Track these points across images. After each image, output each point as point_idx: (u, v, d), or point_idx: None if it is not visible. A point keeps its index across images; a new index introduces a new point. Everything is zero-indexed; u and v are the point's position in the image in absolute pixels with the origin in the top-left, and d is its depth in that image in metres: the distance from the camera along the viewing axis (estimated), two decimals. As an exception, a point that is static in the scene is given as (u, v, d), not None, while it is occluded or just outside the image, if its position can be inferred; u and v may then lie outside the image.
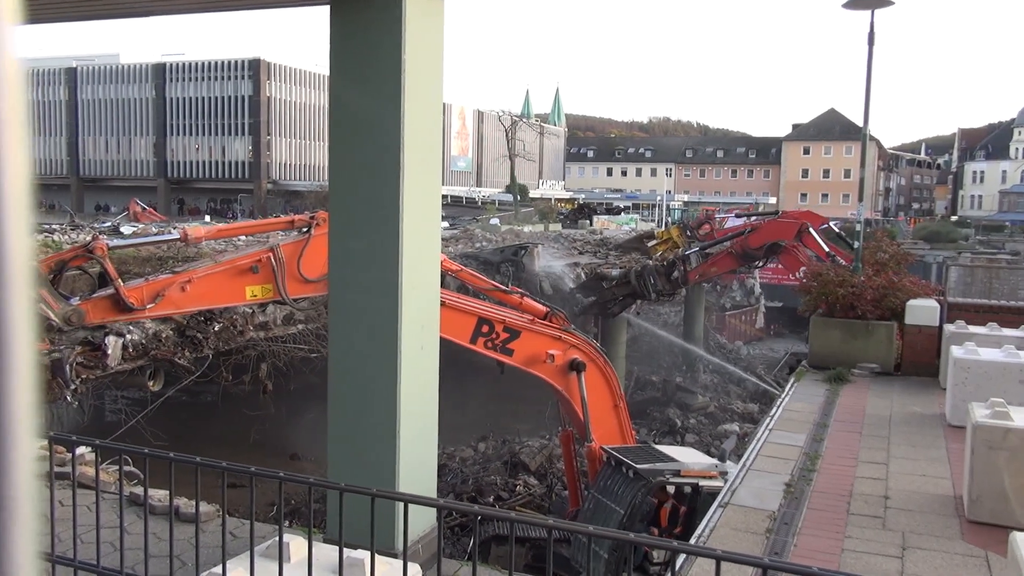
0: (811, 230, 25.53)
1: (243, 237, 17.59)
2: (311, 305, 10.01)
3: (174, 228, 38.47)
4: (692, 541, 6.98)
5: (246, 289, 9.41)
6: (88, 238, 28.06)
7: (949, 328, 12.65)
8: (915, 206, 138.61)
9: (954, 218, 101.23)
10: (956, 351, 10.73)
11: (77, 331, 13.39)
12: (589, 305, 29.22)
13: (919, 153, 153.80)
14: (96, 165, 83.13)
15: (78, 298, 8.96)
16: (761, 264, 30.49)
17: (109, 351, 12.56)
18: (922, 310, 13.72)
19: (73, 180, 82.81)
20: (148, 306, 8.99)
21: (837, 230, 31.06)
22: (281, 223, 10.36)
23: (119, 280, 8.98)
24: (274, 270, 9.39)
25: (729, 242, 29.46)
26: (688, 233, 32.43)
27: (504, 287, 12.34)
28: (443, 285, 10.25)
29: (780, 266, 32.05)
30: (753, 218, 34.72)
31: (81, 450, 7.74)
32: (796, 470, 8.62)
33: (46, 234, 29.87)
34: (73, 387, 12.21)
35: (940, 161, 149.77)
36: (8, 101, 0.64)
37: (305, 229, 9.65)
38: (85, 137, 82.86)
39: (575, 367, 11.42)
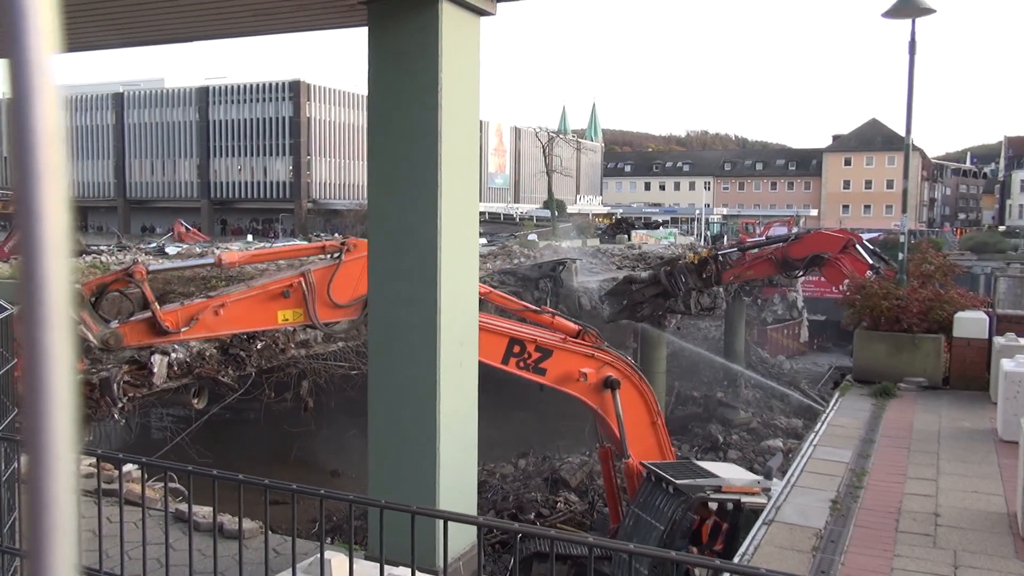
0: (857, 246, 25.15)
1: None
2: (350, 326, 10.13)
3: (216, 248, 39.15)
4: (736, 559, 6.87)
5: (278, 313, 9.57)
6: (132, 259, 28.55)
7: (999, 340, 12.35)
8: (961, 216, 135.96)
9: (1002, 228, 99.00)
10: (1007, 364, 10.46)
11: (124, 351, 13.65)
12: (620, 310, 28.66)
13: (964, 162, 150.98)
14: (142, 187, 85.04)
15: (116, 321, 9.14)
16: (800, 274, 30.04)
17: (155, 370, 12.80)
18: (970, 322, 13.40)
19: (120, 202, 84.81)
20: (183, 329, 9.17)
21: (872, 246, 30.60)
22: (313, 248, 10.52)
23: (156, 303, 9.16)
24: (305, 295, 9.52)
25: (771, 247, 29.11)
26: (720, 257, 32.23)
27: (535, 306, 12.32)
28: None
29: (822, 278, 31.64)
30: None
31: (128, 467, 7.87)
32: (842, 486, 8.45)
33: (94, 255, 30.59)
34: (120, 405, 12.46)
35: (986, 170, 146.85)
36: (49, 127, 0.66)
37: (336, 255, 9.79)
38: (131, 160, 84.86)
39: (609, 384, 11.37)
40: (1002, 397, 10.35)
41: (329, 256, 9.88)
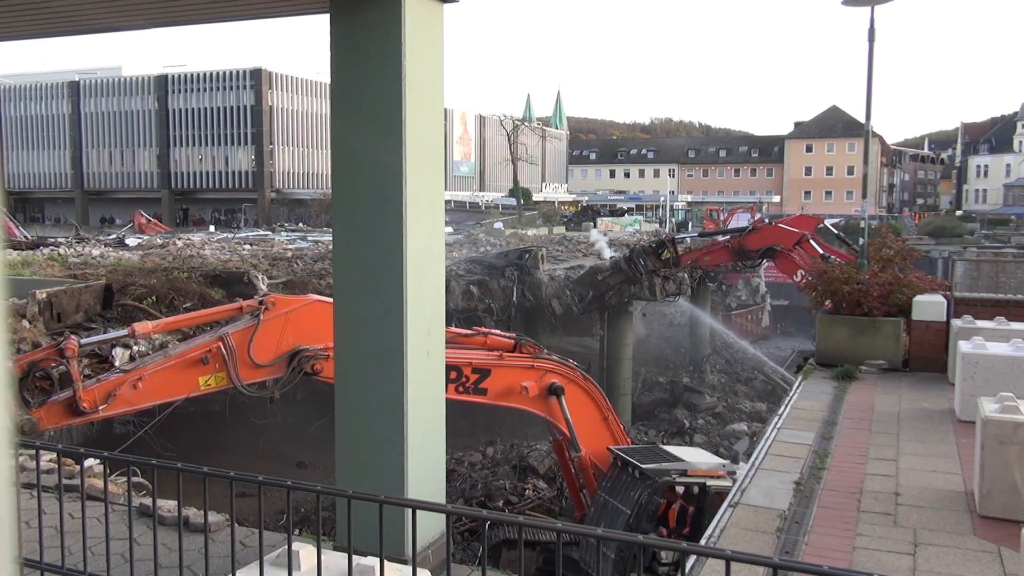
0: (812, 241, 25.74)
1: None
2: (276, 386, 9.95)
3: (179, 239, 38.53)
4: (702, 541, 6.96)
5: (199, 380, 9.38)
6: (96, 249, 27.95)
7: (956, 323, 12.60)
8: (919, 201, 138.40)
9: (959, 213, 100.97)
10: (964, 346, 10.68)
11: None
12: (589, 301, 29.31)
13: (922, 148, 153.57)
14: (100, 178, 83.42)
15: (35, 403, 8.85)
16: (756, 264, 30.77)
17: (116, 363, 12.59)
18: (929, 305, 13.66)
19: (78, 193, 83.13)
20: (101, 407, 8.95)
21: (836, 231, 31.26)
22: (230, 309, 10.29)
23: (80, 382, 8.90)
24: (225, 359, 9.33)
25: (727, 236, 29.88)
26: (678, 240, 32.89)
27: (466, 330, 12.24)
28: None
29: (776, 269, 32.44)
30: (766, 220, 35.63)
31: (90, 462, 7.75)
32: (806, 468, 8.59)
33: (52, 248, 29.98)
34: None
35: (944, 156, 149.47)
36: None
37: (255, 313, 9.61)
38: (89, 150, 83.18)
39: (554, 391, 11.45)
40: (960, 378, 10.57)
41: (250, 315, 9.70)
